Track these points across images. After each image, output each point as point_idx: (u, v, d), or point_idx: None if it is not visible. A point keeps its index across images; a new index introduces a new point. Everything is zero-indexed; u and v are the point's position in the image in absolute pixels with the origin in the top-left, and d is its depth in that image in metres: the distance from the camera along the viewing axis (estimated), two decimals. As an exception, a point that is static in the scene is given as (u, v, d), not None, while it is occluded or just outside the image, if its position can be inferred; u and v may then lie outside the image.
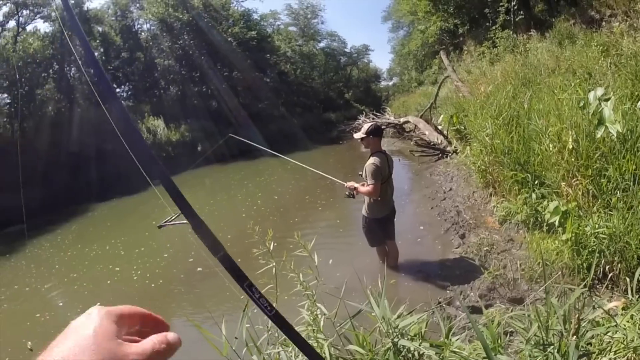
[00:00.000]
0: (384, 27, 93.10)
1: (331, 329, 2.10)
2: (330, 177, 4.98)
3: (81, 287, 6.29)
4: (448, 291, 4.23)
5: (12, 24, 18.11)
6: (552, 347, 1.70)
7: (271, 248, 2.16)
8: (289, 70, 36.40)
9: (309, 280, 2.20)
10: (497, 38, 13.06)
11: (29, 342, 3.29)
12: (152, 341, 0.48)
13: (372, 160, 4.37)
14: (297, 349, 1.97)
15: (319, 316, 2.10)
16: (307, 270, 2.23)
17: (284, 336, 2.11)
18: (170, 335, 0.50)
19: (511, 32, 12.71)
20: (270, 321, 2.12)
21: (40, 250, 8.63)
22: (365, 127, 4.57)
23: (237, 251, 6.24)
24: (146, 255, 7.01)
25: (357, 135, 4.60)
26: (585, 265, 3.43)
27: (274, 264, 2.17)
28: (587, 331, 1.81)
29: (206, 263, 6.29)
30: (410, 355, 1.89)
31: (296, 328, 2.08)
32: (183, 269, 6.19)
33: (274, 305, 2.09)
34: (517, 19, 13.68)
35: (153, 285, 5.79)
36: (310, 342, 2.06)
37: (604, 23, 9.62)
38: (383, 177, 4.38)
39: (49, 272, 7.14)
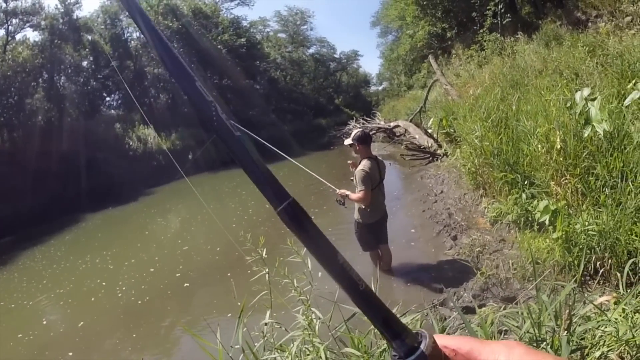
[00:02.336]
0: (372, 33, 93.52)
1: (327, 333, 2.10)
2: (324, 181, 4.98)
3: (66, 303, 6.20)
4: (441, 293, 4.24)
5: (1, 32, 18.04)
6: (544, 343, 1.73)
7: (264, 254, 2.16)
8: (279, 76, 36.56)
9: (303, 286, 2.20)
10: (485, 41, 13.21)
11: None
12: None
13: (362, 166, 4.40)
14: (293, 353, 1.98)
15: (314, 320, 2.10)
16: (300, 275, 2.23)
17: (280, 341, 2.12)
18: None
19: (498, 35, 12.87)
20: (265, 327, 2.12)
21: (33, 262, 8.53)
22: (354, 134, 4.61)
23: (226, 263, 6.20)
24: (133, 270, 6.90)
25: (347, 142, 4.64)
26: (576, 262, 3.46)
27: (267, 270, 2.17)
28: (579, 326, 1.84)
29: (194, 278, 6.21)
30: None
31: (292, 333, 2.10)
32: (170, 285, 6.09)
33: (269, 312, 2.08)
34: (504, 22, 13.87)
35: (139, 302, 5.66)
36: (306, 347, 2.06)
37: (590, 24, 9.78)
38: (373, 182, 4.40)
39: (36, 287, 7.03)
